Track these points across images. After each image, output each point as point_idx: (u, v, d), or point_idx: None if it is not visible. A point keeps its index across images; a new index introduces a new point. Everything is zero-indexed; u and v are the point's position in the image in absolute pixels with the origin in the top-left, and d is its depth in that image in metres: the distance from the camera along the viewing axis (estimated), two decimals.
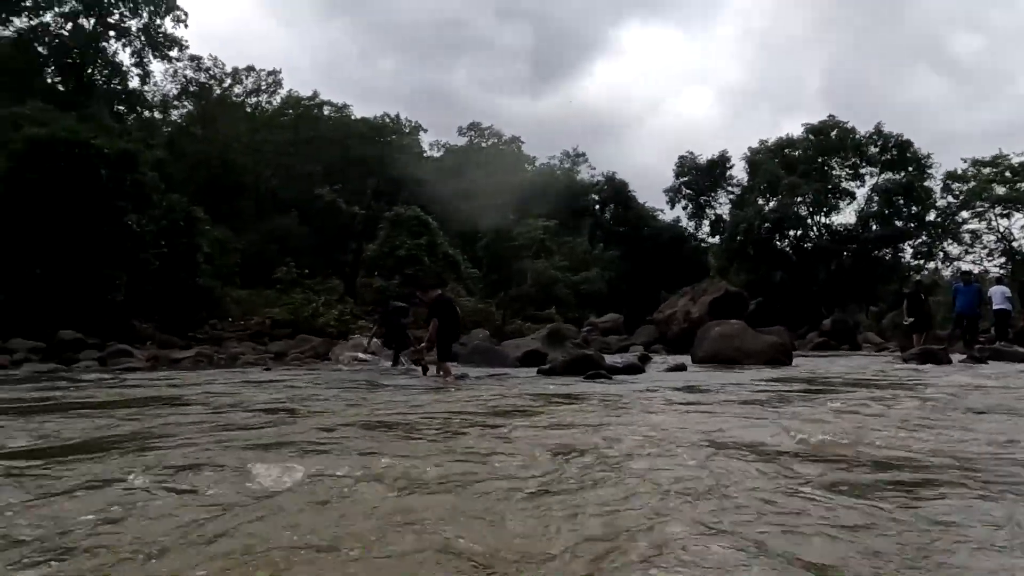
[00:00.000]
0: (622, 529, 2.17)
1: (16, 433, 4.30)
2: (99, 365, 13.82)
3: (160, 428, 4.40)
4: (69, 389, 8.38)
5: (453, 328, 11.40)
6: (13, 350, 14.92)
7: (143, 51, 30.96)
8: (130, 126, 27.78)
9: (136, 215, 18.70)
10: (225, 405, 5.86)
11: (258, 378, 9.92)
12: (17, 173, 17.42)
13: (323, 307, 22.10)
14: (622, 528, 2.18)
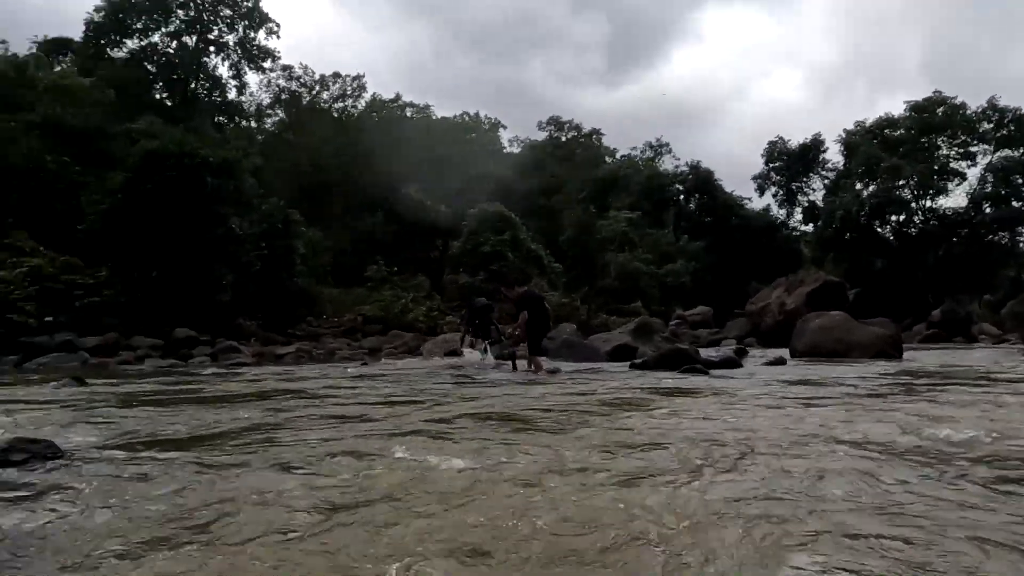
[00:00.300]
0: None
1: (175, 422, 4.63)
2: (211, 360, 14.72)
3: (304, 419, 4.62)
4: (197, 383, 8.95)
5: (543, 323, 11.42)
6: (135, 347, 16.14)
7: (239, 64, 32.73)
8: (229, 135, 29.41)
9: (238, 219, 19.78)
10: (349, 397, 6.10)
11: (361, 372, 10.28)
12: (134, 184, 18.78)
13: (412, 303, 22.70)
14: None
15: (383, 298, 23.42)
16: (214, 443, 3.88)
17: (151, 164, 18.48)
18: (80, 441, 4.98)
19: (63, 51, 40.28)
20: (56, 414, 6.62)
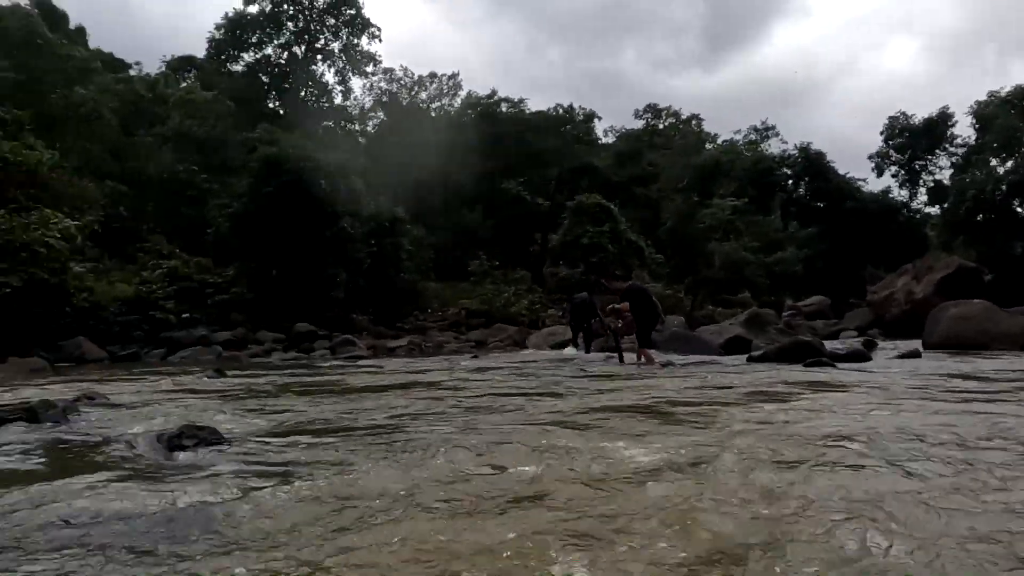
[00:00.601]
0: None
1: (324, 411, 4.90)
2: (331, 354, 15.50)
3: (452, 409, 4.75)
4: (326, 374, 9.44)
5: (650, 315, 11.20)
6: (261, 341, 17.25)
7: (344, 70, 34.20)
8: (338, 139, 30.82)
9: (350, 219, 20.67)
10: (483, 388, 6.22)
11: (477, 364, 10.49)
12: (255, 188, 20.04)
13: (514, 297, 22.96)
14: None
15: (485, 292, 23.83)
16: (374, 431, 4.04)
17: (270, 169, 19.65)
18: (237, 429, 5.36)
19: (188, 68, 43.65)
20: (209, 403, 7.18)
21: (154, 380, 9.40)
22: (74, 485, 3.60)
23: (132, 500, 3.23)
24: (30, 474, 3.93)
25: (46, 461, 4.38)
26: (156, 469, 4.05)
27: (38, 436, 5.15)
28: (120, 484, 3.57)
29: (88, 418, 6.22)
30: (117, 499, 3.27)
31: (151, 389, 8.43)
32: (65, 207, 17.13)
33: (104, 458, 4.41)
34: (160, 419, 6.15)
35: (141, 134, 30.65)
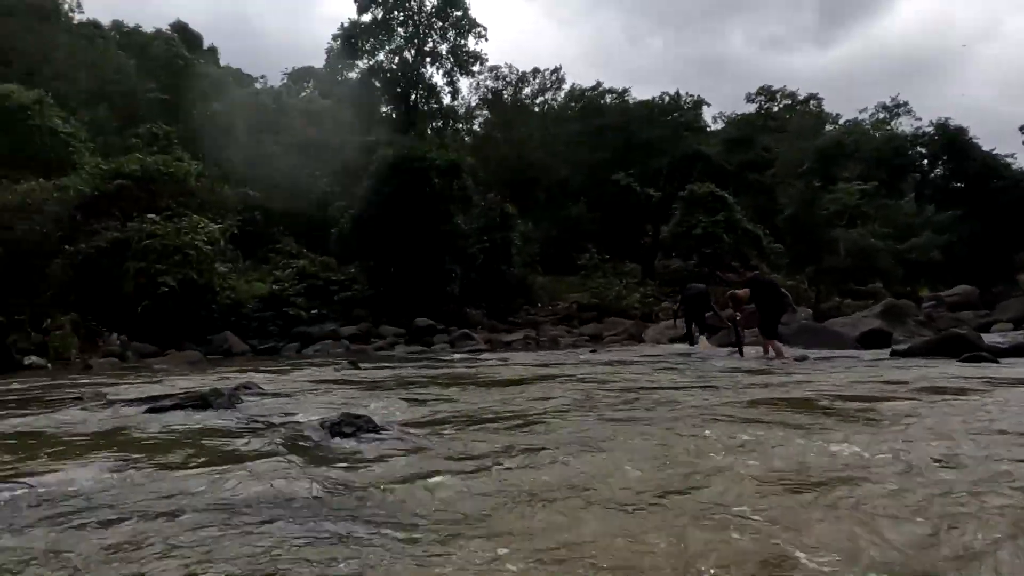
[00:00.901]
0: None
1: (472, 402, 5.04)
2: (450, 347, 15.95)
3: (609, 401, 4.76)
4: (453, 366, 9.72)
5: (777, 306, 10.70)
6: (383, 335, 18.02)
7: (452, 71, 35.04)
8: (447, 139, 31.65)
9: (462, 215, 21.16)
10: (625, 381, 6.19)
11: (599, 358, 10.44)
12: (375, 190, 20.92)
13: (625, 290, 22.66)
14: None
15: (596, 286, 23.68)
16: (532, 422, 4.10)
17: (389, 171, 20.45)
18: (390, 418, 5.63)
19: (307, 78, 46.30)
20: (354, 393, 7.58)
21: (297, 371, 10.06)
22: (260, 467, 3.90)
23: (318, 482, 3.46)
24: (216, 455, 4.30)
25: (226, 443, 4.78)
26: (326, 454, 4.32)
27: (214, 420, 5.65)
28: (301, 467, 3.84)
29: (250, 405, 6.75)
30: (304, 480, 3.52)
31: (297, 380, 9.02)
32: (208, 213, 18.67)
33: (276, 442, 4.77)
34: (314, 408, 6.57)
35: (268, 143, 32.82)
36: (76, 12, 32.32)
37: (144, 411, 6.10)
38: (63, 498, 3.25)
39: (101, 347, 14.05)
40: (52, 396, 7.25)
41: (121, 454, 4.26)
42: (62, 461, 3.97)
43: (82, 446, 4.50)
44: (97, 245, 15.53)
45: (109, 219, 16.20)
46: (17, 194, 15.90)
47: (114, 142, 25.26)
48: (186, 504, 3.06)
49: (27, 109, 18.72)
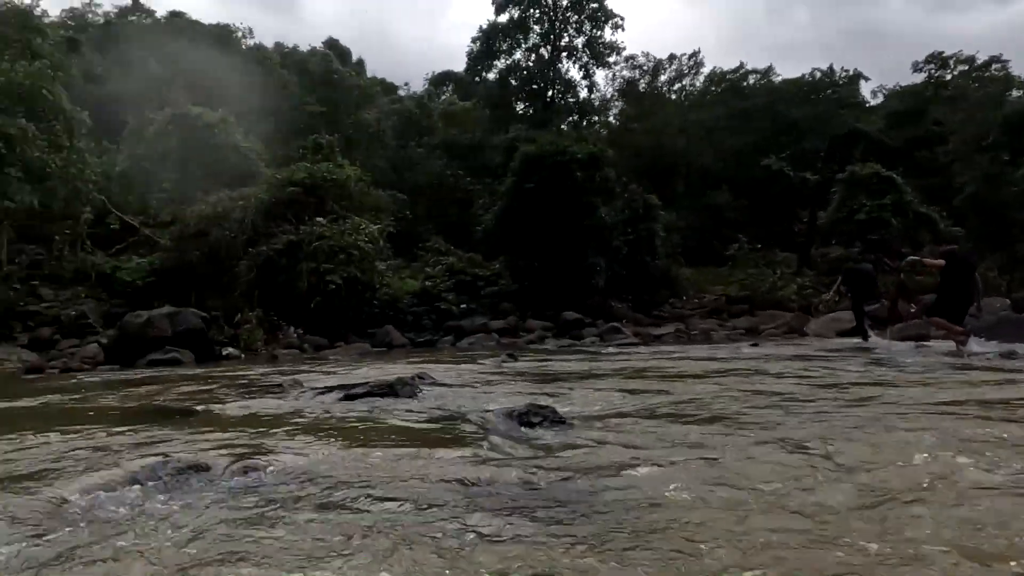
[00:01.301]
0: None
1: (642, 396, 4.95)
2: (600, 340, 15.89)
3: (820, 398, 4.53)
4: (611, 359, 9.67)
5: (968, 292, 9.57)
6: (530, 329, 18.31)
7: (588, 64, 34.88)
8: (585, 133, 31.57)
9: (605, 208, 20.99)
10: (821, 376, 5.85)
11: (766, 352, 9.94)
12: (517, 186, 21.28)
13: (780, 281, 21.37)
14: None
15: (746, 276, 22.55)
16: (729, 418, 3.95)
17: (530, 167, 20.72)
18: (572, 410, 5.70)
19: (446, 82, 48.14)
20: (522, 385, 7.75)
21: (460, 363, 10.47)
22: (464, 452, 4.08)
23: (523, 471, 3.55)
24: (418, 440, 4.55)
25: (422, 430, 5.06)
26: (521, 442, 4.44)
27: (405, 408, 6.00)
28: (502, 454, 3.97)
29: (430, 395, 7.11)
30: (510, 468, 3.63)
31: (462, 371, 9.38)
32: (366, 214, 19.93)
33: (468, 430, 4.97)
34: (490, 398, 6.79)
35: (412, 146, 34.52)
36: (247, 38, 35.66)
37: (340, 398, 6.62)
38: (303, 477, 3.58)
39: (281, 339, 15.48)
40: (257, 384, 8.05)
41: (335, 437, 4.64)
42: (289, 443, 4.38)
43: (299, 430, 4.94)
44: (275, 247, 17.10)
45: (284, 223, 17.78)
46: (210, 204, 17.90)
47: (282, 153, 27.68)
48: (411, 485, 3.25)
49: (214, 128, 21.01)
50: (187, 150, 21.33)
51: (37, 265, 18.09)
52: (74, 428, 4.85)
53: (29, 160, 17.04)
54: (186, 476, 3.56)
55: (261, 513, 2.86)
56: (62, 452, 3.91)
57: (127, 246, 20.19)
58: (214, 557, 2.34)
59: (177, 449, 4.06)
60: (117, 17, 51.48)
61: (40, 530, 2.68)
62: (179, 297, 16.58)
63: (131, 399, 6.82)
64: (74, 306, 16.27)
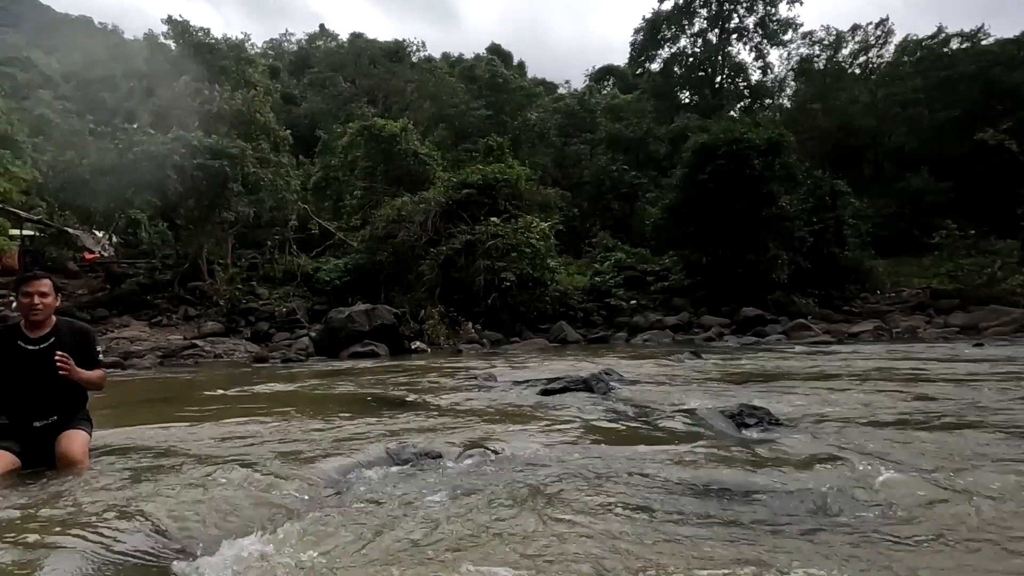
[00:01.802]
0: None
1: (868, 398, 4.50)
2: (786, 338, 14.88)
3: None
4: (808, 359, 9.00)
5: None
6: (705, 325, 17.57)
7: (760, 44, 32.83)
8: (757, 117, 29.71)
9: (787, 196, 19.60)
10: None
11: (998, 354, 8.69)
12: (688, 178, 20.51)
13: (1000, 271, 18.55)
14: None
15: (956, 267, 19.86)
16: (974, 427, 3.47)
17: (702, 157, 19.88)
18: (780, 409, 5.36)
19: (607, 76, 47.78)
20: (717, 385, 7.44)
21: (641, 360, 10.29)
22: (677, 451, 3.97)
23: (749, 473, 3.36)
24: (634, 436, 4.49)
25: (632, 426, 5.01)
26: (742, 444, 4.23)
27: (606, 404, 6.00)
28: (730, 455, 3.79)
29: (624, 391, 7.05)
30: (735, 470, 3.46)
31: (645, 368, 9.21)
32: (536, 212, 20.30)
33: (675, 428, 4.83)
34: (687, 396, 6.57)
35: (575, 143, 34.64)
36: (420, 51, 37.90)
37: (538, 392, 6.78)
38: (528, 468, 3.68)
39: (462, 334, 16.24)
40: (454, 376, 8.48)
41: (545, 430, 4.73)
42: (506, 434, 4.52)
43: (510, 420, 5.11)
44: (453, 247, 17.99)
45: (461, 223, 18.64)
46: (395, 208, 19.25)
47: (453, 157, 29.11)
48: (634, 482, 3.20)
49: (396, 137, 22.57)
50: (373, 159, 23.10)
51: (254, 267, 20.56)
52: (316, 413, 5.40)
53: (246, 175, 19.46)
54: (422, 460, 3.82)
55: (491, 499, 2.97)
56: (313, 434, 4.37)
57: (324, 249, 22.33)
58: (466, 533, 2.46)
59: (404, 435, 4.36)
60: (307, 43, 57.26)
61: (320, 498, 3.00)
62: (370, 295, 18.03)
63: (349, 388, 7.48)
64: (284, 303, 18.28)
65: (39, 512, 2.54)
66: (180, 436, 4.29)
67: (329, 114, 34.50)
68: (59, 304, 3.42)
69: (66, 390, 3.31)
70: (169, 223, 20.09)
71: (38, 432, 3.27)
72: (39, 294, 3.26)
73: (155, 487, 2.87)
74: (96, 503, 2.64)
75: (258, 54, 32.79)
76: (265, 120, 22.78)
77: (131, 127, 21.12)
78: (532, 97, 42.22)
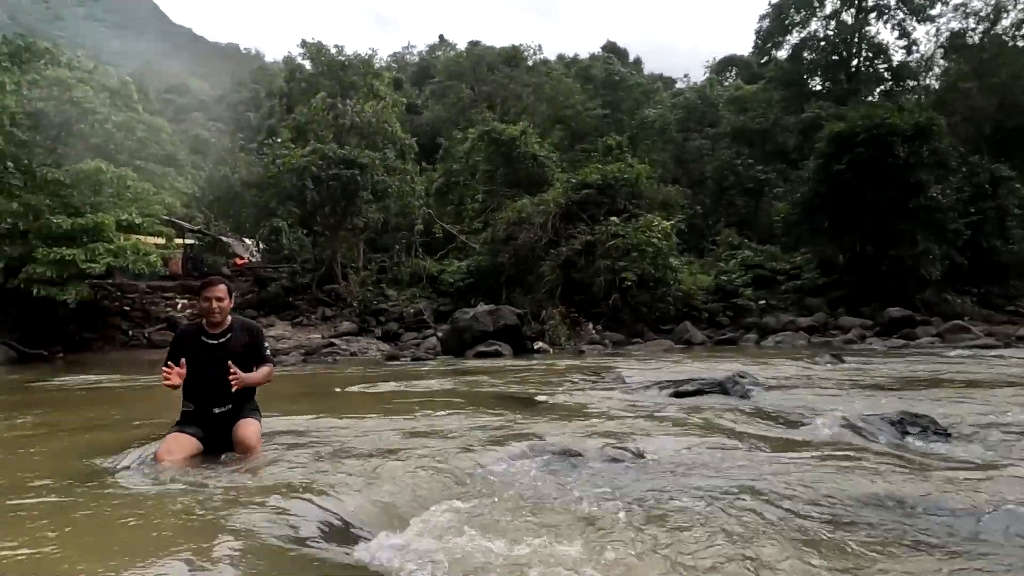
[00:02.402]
0: None
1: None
2: (941, 342, 13.59)
3: None
4: (977, 365, 8.16)
5: None
6: (844, 327, 16.39)
7: (904, 21, 30.19)
8: (901, 101, 27.32)
9: (938, 186, 17.90)
10: None
11: None
12: (823, 169, 19.24)
13: None
14: None
15: None
16: None
17: (839, 146, 18.58)
18: (945, 417, 4.89)
19: (729, 67, 45.85)
20: (865, 391, 6.92)
21: (776, 363, 9.77)
22: (837, 460, 3.70)
23: (926, 488, 3.07)
24: (782, 444, 4.24)
25: (779, 433, 4.75)
26: (912, 454, 3.89)
27: (745, 407, 5.74)
28: (900, 467, 3.50)
29: (762, 395, 6.71)
30: (909, 482, 3.18)
31: (783, 371, 8.73)
32: (656, 211, 19.84)
33: (830, 435, 4.52)
34: (828, 401, 6.16)
35: (695, 138, 33.52)
36: (536, 54, 38.26)
37: (670, 393, 6.62)
38: (671, 469, 3.59)
39: (583, 335, 16.20)
40: (579, 376, 8.47)
41: (682, 432, 4.59)
42: (642, 434, 4.44)
43: (644, 421, 5.01)
44: (573, 247, 17.98)
45: (580, 224, 18.59)
46: (514, 210, 19.54)
47: (571, 157, 29.09)
48: (798, 494, 3.02)
49: (515, 140, 22.91)
50: (493, 163, 23.59)
51: (383, 270, 21.63)
52: (452, 409, 5.59)
53: (375, 183, 20.54)
54: (562, 457, 3.84)
55: (641, 497, 2.92)
56: (460, 429, 4.51)
57: (448, 252, 23.08)
58: (629, 537, 2.42)
59: (540, 433, 4.39)
60: (428, 54, 59.50)
61: (475, 487, 3.10)
62: (491, 295, 18.42)
63: (479, 386, 7.67)
64: (412, 304, 19.09)
65: (248, 484, 2.82)
66: (336, 426, 4.59)
67: (450, 121, 35.59)
68: (232, 305, 3.76)
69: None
70: (307, 230, 21.60)
71: (216, 418, 3.62)
72: (216, 298, 3.61)
73: (329, 469, 3.11)
74: (278, 482, 2.89)
75: (383, 67, 34.44)
76: (392, 130, 23.96)
77: (274, 142, 22.90)
78: (650, 93, 41.36)
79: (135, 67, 42.67)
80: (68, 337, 16.21)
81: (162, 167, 20.57)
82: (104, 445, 3.96)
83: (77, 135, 16.81)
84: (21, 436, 4.71)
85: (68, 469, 3.36)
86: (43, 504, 2.70)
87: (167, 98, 43.65)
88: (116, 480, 3.16)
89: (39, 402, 7.54)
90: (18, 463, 3.70)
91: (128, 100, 19.56)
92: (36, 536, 2.24)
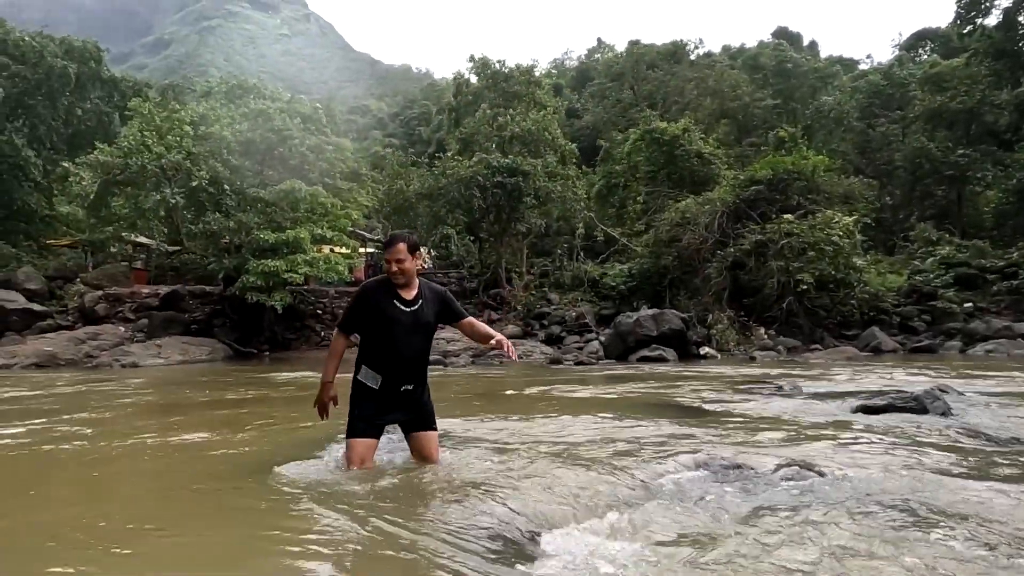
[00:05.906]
0: None
1: None
2: None
3: None
4: None
5: None
6: None
7: None
8: None
9: None
10: None
11: None
12: None
13: None
14: None
15: None
16: None
17: None
18: None
19: (923, 41, 41.04)
20: None
21: (982, 374, 8.59)
22: None
23: None
24: (999, 474, 3.72)
25: (997, 460, 4.18)
26: None
27: (949, 428, 5.13)
28: None
29: (968, 412, 5.94)
30: None
31: (995, 384, 7.66)
32: (836, 206, 18.26)
33: None
34: None
35: (881, 123, 30.37)
36: (699, 47, 36.93)
37: (855, 408, 6.08)
38: (861, 493, 3.31)
39: (753, 340, 15.35)
40: (751, 385, 8.06)
41: (870, 452, 4.21)
42: (825, 451, 4.14)
43: (826, 438, 4.66)
44: (742, 248, 17.10)
45: (750, 223, 17.64)
46: (678, 211, 19.02)
47: (738, 153, 27.71)
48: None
49: (677, 139, 22.30)
50: (655, 163, 23.14)
51: (545, 274, 22.07)
52: (619, 415, 5.60)
53: (537, 189, 21.01)
54: (733, 472, 3.70)
55: (818, 520, 2.73)
56: (629, 438, 4.52)
57: (609, 255, 23.01)
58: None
59: (709, 444, 4.26)
60: (587, 58, 59.73)
61: (647, 497, 3.10)
62: (654, 299, 18.07)
63: (645, 393, 7.59)
64: (573, 308, 19.27)
65: (439, 486, 3.07)
66: (508, 429, 4.79)
67: (610, 123, 35.45)
68: (419, 266, 3.43)
69: (424, 358, 3.42)
70: (474, 237, 22.61)
71: (401, 396, 3.33)
72: (396, 260, 3.26)
73: (511, 471, 3.29)
74: (465, 481, 3.10)
75: (543, 75, 35.12)
76: (553, 136, 24.39)
77: (444, 155, 24.29)
78: (827, 78, 38.11)
79: (323, 93, 47.45)
80: (273, 337, 18.46)
81: (347, 183, 22.64)
82: (313, 439, 4.48)
83: (278, 159, 19.05)
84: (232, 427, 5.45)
85: (261, 467, 3.84)
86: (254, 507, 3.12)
87: (350, 119, 47.99)
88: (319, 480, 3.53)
89: (253, 399, 8.65)
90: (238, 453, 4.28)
91: (318, 124, 21.76)
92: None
